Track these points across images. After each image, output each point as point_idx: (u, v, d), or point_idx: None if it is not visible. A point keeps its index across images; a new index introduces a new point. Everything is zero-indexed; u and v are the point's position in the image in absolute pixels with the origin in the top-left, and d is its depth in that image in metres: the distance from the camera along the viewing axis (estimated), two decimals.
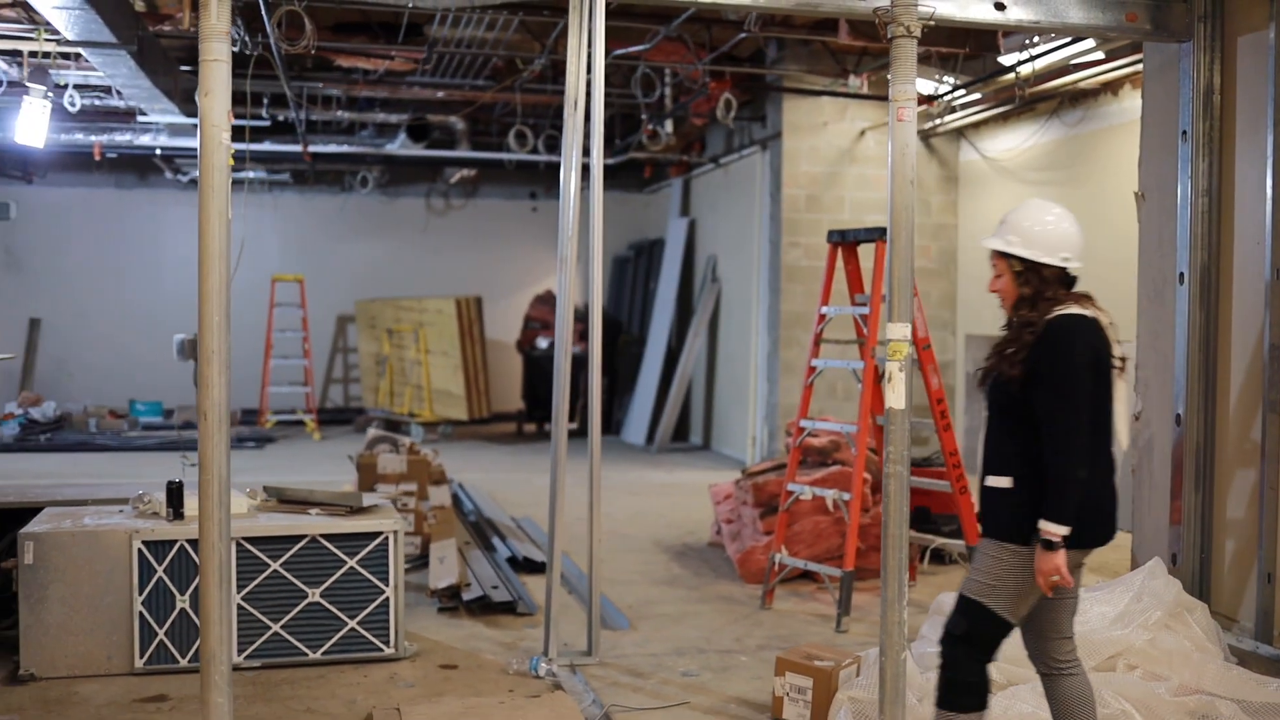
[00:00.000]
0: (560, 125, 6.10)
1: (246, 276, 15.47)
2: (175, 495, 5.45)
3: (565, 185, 5.55)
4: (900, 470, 3.16)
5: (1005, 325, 3.81)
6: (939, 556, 7.59)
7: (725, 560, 7.85)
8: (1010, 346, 3.71)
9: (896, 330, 3.14)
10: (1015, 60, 8.88)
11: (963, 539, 6.74)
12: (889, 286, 3.26)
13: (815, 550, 7.10)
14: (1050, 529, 3.53)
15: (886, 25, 3.11)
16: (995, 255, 3.81)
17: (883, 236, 6.11)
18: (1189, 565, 6.02)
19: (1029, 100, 9.91)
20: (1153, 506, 6.31)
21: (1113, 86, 9.30)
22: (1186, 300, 5.96)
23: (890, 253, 3.21)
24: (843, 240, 6.77)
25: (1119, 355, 3.78)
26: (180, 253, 15.98)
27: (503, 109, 12.83)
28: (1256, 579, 5.62)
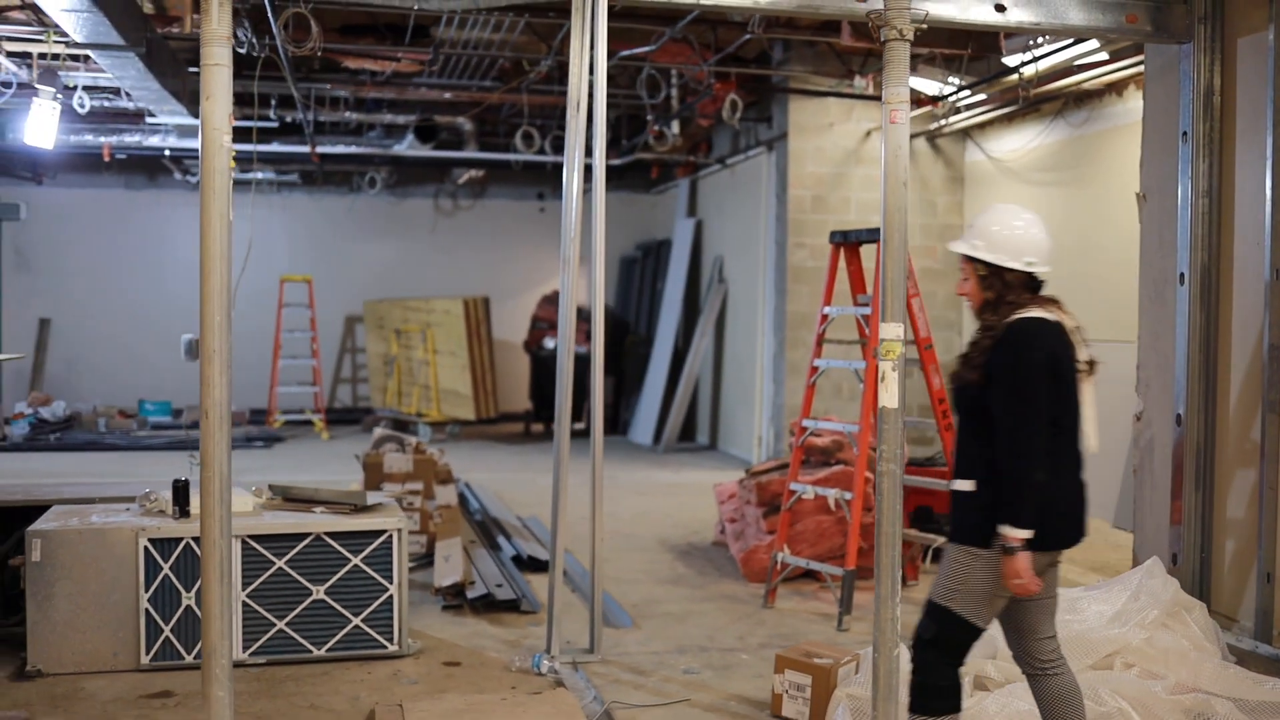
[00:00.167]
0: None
1: (255, 277, 15.49)
2: (181, 493, 5.50)
3: (568, 186, 5.60)
4: (894, 469, 3.20)
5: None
6: (939, 556, 7.60)
7: (729, 559, 7.89)
8: (971, 350, 3.74)
9: (889, 330, 3.18)
10: (1019, 61, 8.89)
11: None
12: (882, 287, 3.29)
13: (818, 549, 7.13)
14: (1008, 533, 3.54)
15: (879, 28, 3.14)
16: (963, 259, 3.83)
17: None
18: (1189, 565, 6.04)
19: (1034, 101, 9.93)
20: (1154, 506, 6.33)
21: (1117, 87, 9.31)
22: (1187, 300, 5.98)
23: (883, 254, 3.25)
24: (845, 241, 6.80)
25: (1086, 358, 3.78)
26: (189, 253, 16.02)
27: (510, 110, 12.88)
28: (1256, 579, 5.64)
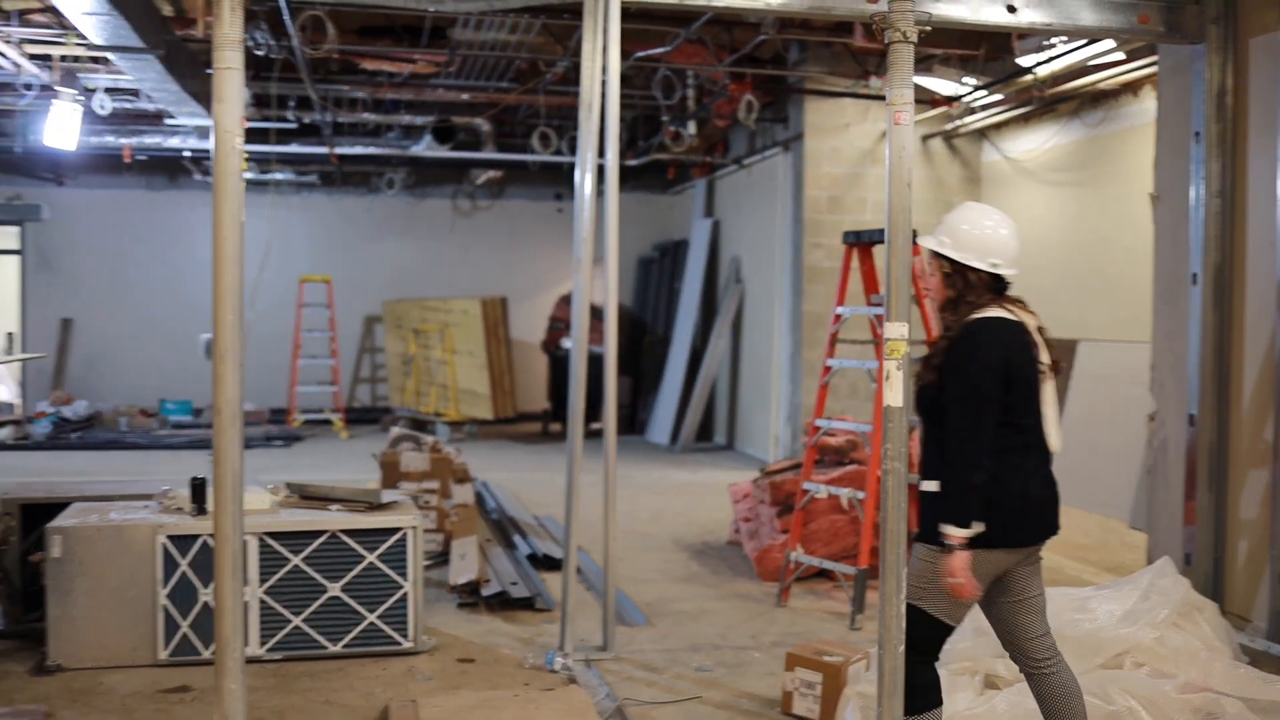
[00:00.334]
0: None
1: (275, 277, 15.82)
2: (198, 491, 5.56)
3: (580, 187, 5.63)
4: (898, 467, 3.22)
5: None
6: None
7: (743, 558, 7.91)
8: (931, 350, 3.76)
9: (894, 329, 3.20)
10: (1034, 61, 8.89)
11: None
12: (886, 287, 3.32)
13: (832, 549, 7.15)
14: (948, 531, 3.54)
15: (883, 30, 3.16)
16: (931, 255, 3.83)
17: None
18: (1202, 565, 6.05)
19: (1049, 101, 9.93)
20: (1167, 506, 6.33)
21: (1133, 87, 9.29)
22: (1199, 301, 5.99)
23: (888, 254, 3.28)
24: (858, 241, 6.82)
25: (1048, 358, 3.76)
26: (209, 253, 16.14)
27: (527, 111, 12.93)
28: (1269, 579, 5.65)
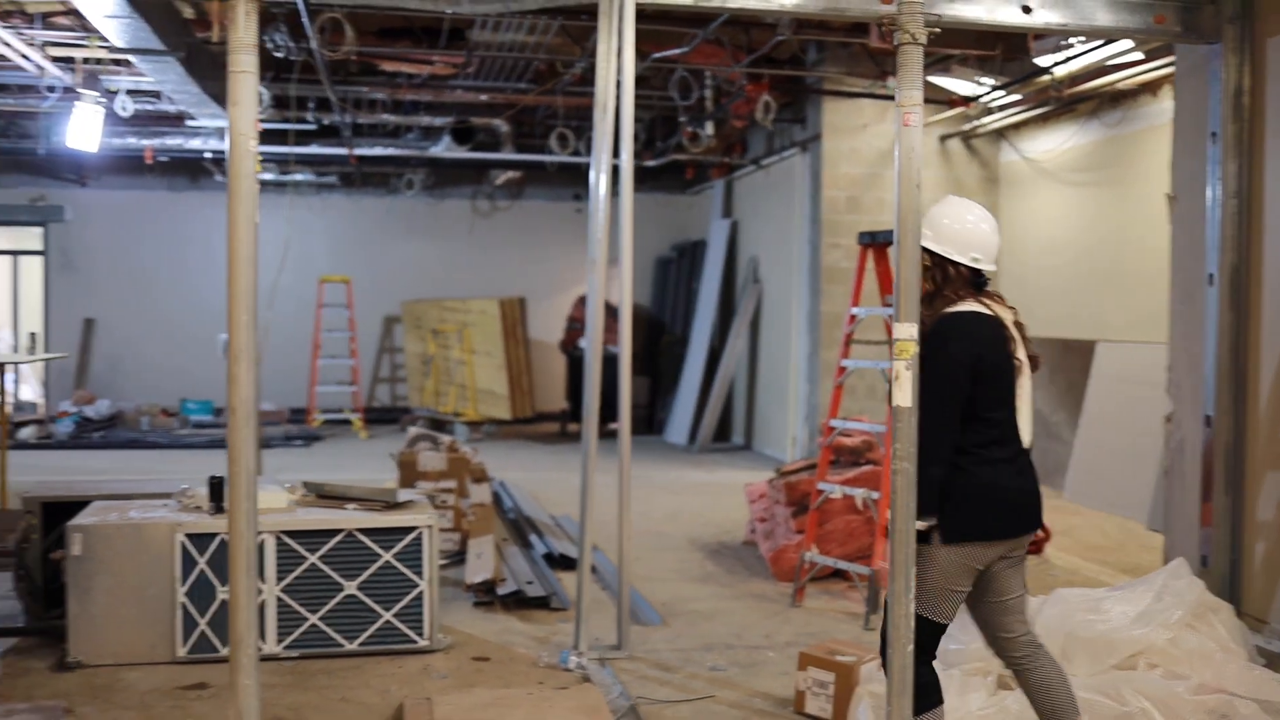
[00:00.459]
0: None
1: (295, 278, 15.88)
2: (217, 490, 5.61)
3: (595, 188, 5.66)
4: (908, 467, 3.23)
5: None
6: None
7: (759, 559, 7.93)
8: None
9: (903, 330, 3.22)
10: (1052, 62, 8.88)
11: None
12: (898, 288, 3.33)
13: (847, 549, 7.16)
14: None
15: (892, 32, 3.18)
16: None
17: None
18: (1219, 567, 6.02)
19: (1068, 101, 9.92)
20: (1184, 508, 6.32)
21: (1152, 87, 9.27)
22: (1216, 302, 5.97)
23: (897, 255, 3.29)
24: (873, 241, 6.82)
25: (1023, 353, 3.75)
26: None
27: (545, 111, 12.97)
28: None
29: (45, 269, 16.40)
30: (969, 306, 3.69)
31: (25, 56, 8.76)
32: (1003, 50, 9.34)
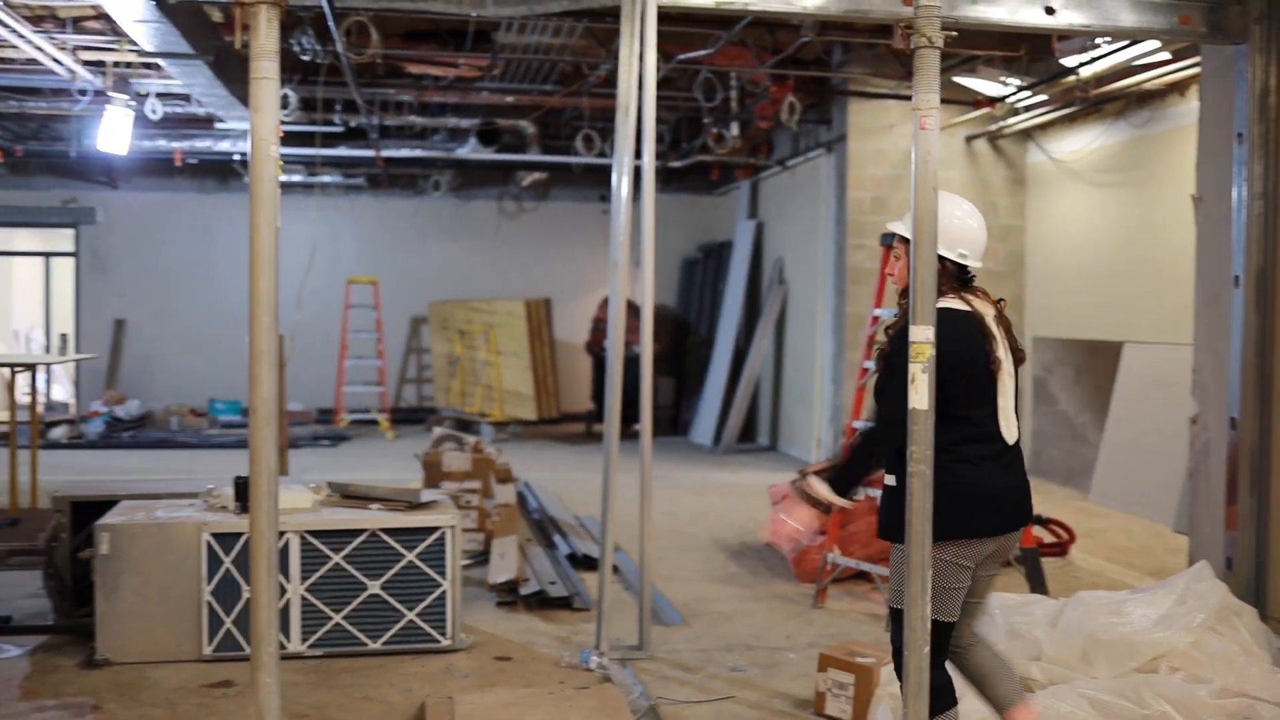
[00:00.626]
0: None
1: (323, 279, 15.99)
2: (242, 490, 5.66)
3: (617, 190, 5.68)
4: (923, 470, 3.24)
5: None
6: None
7: (781, 560, 7.93)
8: (885, 340, 3.79)
9: (919, 333, 3.22)
10: (1077, 62, 8.84)
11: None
12: (913, 289, 3.34)
13: (870, 550, 7.14)
14: (814, 483, 3.78)
15: (909, 36, 3.18)
16: (898, 240, 3.86)
17: None
18: (1244, 570, 5.99)
19: (1094, 101, 9.87)
20: (1209, 511, 6.28)
21: (1179, 87, 9.22)
22: (1241, 304, 5.94)
23: (913, 257, 3.29)
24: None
25: (1002, 350, 3.72)
26: None
27: (571, 113, 13.01)
28: None
29: (77, 270, 16.58)
30: (948, 303, 3.68)
31: (57, 60, 8.86)
32: (1027, 51, 9.30)
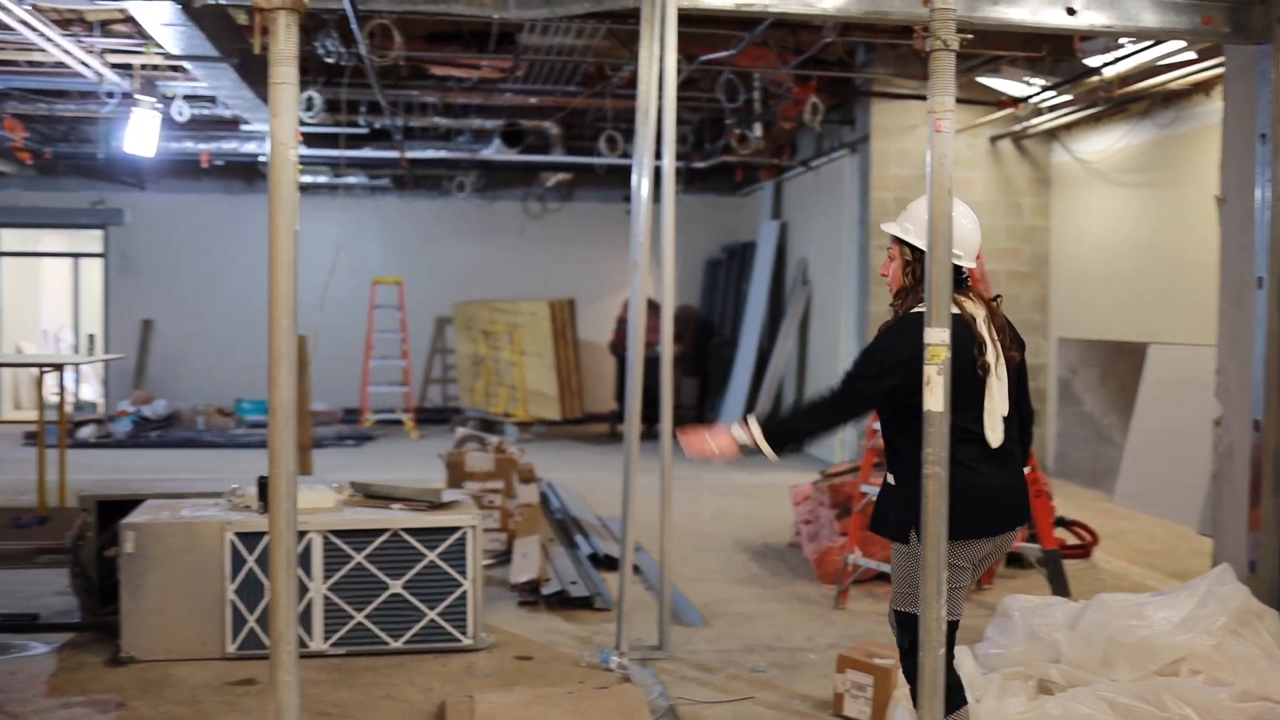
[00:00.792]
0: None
1: (348, 280, 16.09)
2: (265, 489, 5.70)
3: (637, 191, 5.70)
4: (939, 471, 3.24)
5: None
6: (1017, 560, 7.58)
7: (803, 560, 7.93)
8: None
9: (934, 335, 3.23)
10: (1101, 62, 8.81)
11: (1039, 543, 6.75)
12: (928, 292, 3.34)
13: (890, 552, 7.13)
14: (748, 423, 3.84)
15: (924, 38, 3.19)
16: (893, 241, 3.85)
17: None
18: (1268, 572, 5.95)
19: (1119, 101, 9.83)
20: (1233, 513, 6.24)
21: (1204, 87, 9.17)
22: (1265, 305, 5.90)
23: (928, 261, 3.30)
24: None
25: (993, 355, 3.71)
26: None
27: (594, 114, 13.04)
28: None
29: (105, 271, 16.73)
30: None
31: (85, 64, 8.94)
32: (1050, 51, 9.27)
